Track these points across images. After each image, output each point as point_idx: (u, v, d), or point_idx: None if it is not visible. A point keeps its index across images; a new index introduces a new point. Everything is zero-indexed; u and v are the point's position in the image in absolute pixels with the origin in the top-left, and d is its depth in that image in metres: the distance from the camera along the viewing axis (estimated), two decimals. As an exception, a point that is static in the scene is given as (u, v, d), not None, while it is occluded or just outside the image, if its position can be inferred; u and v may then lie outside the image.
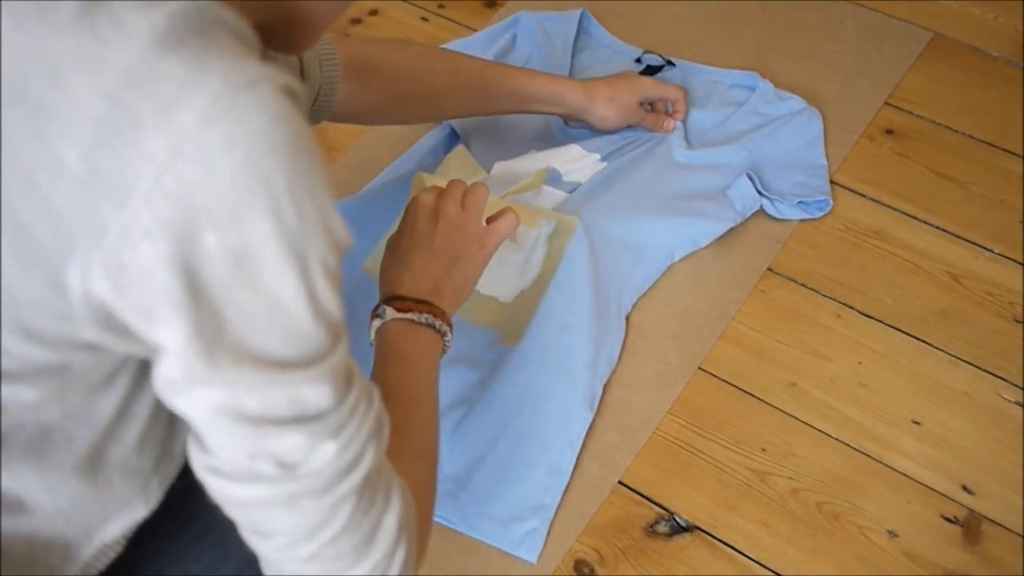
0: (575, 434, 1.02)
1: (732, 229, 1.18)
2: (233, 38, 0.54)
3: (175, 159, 0.50)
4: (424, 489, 0.75)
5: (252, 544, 0.62)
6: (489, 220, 0.98)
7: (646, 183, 1.21)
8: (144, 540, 0.70)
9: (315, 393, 0.57)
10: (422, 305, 0.88)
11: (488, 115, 1.24)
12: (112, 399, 0.61)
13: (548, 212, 1.16)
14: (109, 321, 0.54)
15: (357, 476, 0.60)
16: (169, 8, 0.51)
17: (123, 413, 0.62)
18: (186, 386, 0.55)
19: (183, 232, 0.50)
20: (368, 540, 0.62)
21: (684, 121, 1.29)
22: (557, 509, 0.99)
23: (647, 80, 1.27)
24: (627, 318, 1.12)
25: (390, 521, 0.63)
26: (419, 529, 0.68)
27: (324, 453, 0.58)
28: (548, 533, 0.97)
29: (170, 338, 0.53)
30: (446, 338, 0.89)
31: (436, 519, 0.98)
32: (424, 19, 1.48)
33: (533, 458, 1.01)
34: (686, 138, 1.28)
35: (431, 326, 0.88)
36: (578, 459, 1.02)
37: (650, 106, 1.29)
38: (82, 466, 0.63)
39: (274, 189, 0.52)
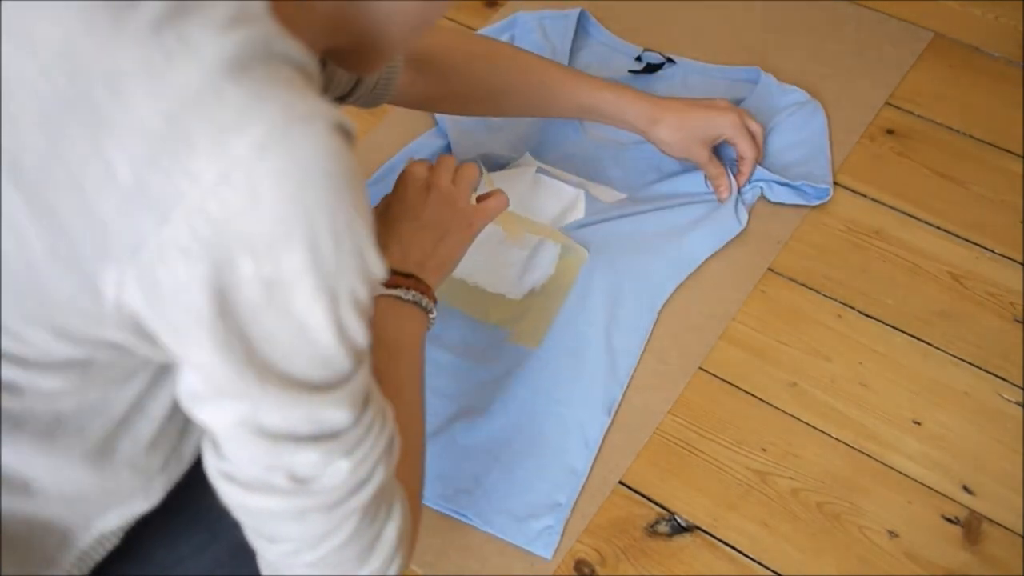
0: (592, 437, 1.03)
1: (733, 229, 1.19)
2: (297, 72, 0.54)
3: (222, 184, 0.50)
4: (409, 487, 0.75)
5: (256, 547, 0.63)
6: (480, 199, 0.98)
7: (662, 196, 1.21)
8: (139, 531, 0.70)
9: (334, 414, 0.58)
10: (409, 280, 0.88)
11: (549, 117, 1.20)
12: (128, 395, 0.62)
13: (555, 233, 1.15)
14: (138, 328, 0.55)
15: (366, 493, 0.61)
16: (239, 35, 0.52)
17: (137, 410, 0.63)
18: (210, 399, 0.56)
19: (220, 256, 0.51)
20: (370, 548, 0.64)
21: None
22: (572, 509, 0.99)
23: (728, 116, 1.15)
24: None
25: (391, 531, 0.65)
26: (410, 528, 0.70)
27: (338, 470, 0.59)
28: (563, 532, 0.97)
29: (197, 353, 0.54)
30: (431, 315, 0.89)
31: (452, 515, 0.98)
32: (425, 19, 1.47)
33: (549, 459, 1.01)
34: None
35: (417, 303, 0.88)
36: (579, 459, 1.02)
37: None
38: (91, 456, 0.64)
39: (315, 224, 0.52)
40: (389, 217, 0.93)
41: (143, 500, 0.68)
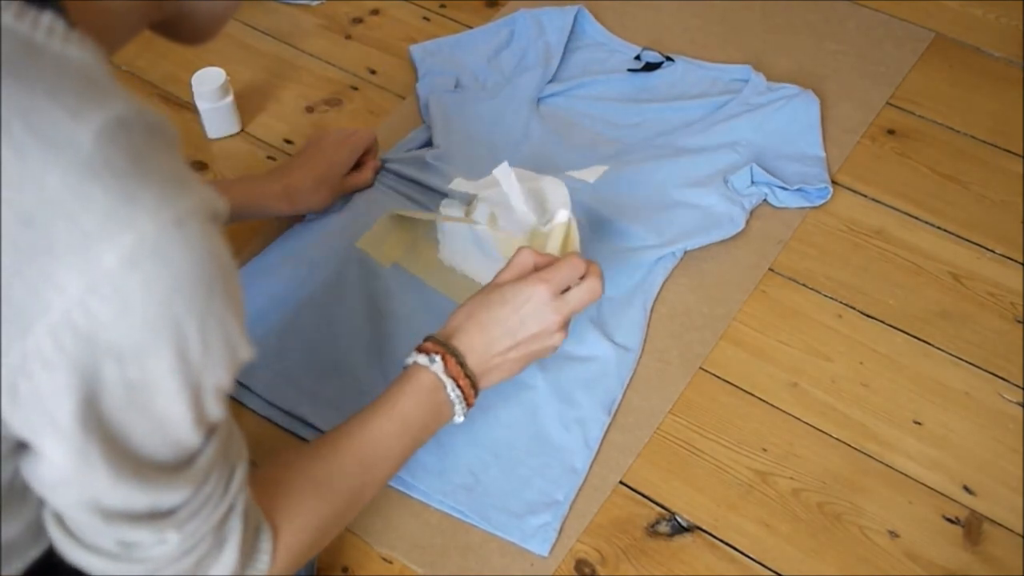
0: (592, 436, 1.03)
1: (733, 229, 1.19)
2: (166, 147, 0.51)
3: (89, 295, 0.48)
4: (301, 551, 0.76)
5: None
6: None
7: (653, 185, 1.21)
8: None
9: (174, 496, 0.58)
10: (466, 381, 0.88)
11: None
12: (10, 470, 0.59)
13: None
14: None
15: (189, 560, 0.62)
16: (97, 123, 0.48)
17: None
18: (56, 486, 0.56)
19: (85, 365, 0.49)
20: None
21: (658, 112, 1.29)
22: (570, 507, 0.99)
23: (338, 158, 1.16)
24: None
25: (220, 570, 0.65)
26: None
27: (166, 543, 0.60)
28: (560, 530, 0.97)
29: (52, 452, 0.53)
30: (456, 418, 0.90)
31: (450, 511, 0.98)
32: (426, 19, 1.47)
33: (549, 457, 1.01)
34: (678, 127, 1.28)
35: (454, 403, 0.88)
36: (579, 459, 1.02)
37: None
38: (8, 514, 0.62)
39: (184, 328, 0.51)
40: (493, 315, 0.90)
41: (35, 548, 0.66)
